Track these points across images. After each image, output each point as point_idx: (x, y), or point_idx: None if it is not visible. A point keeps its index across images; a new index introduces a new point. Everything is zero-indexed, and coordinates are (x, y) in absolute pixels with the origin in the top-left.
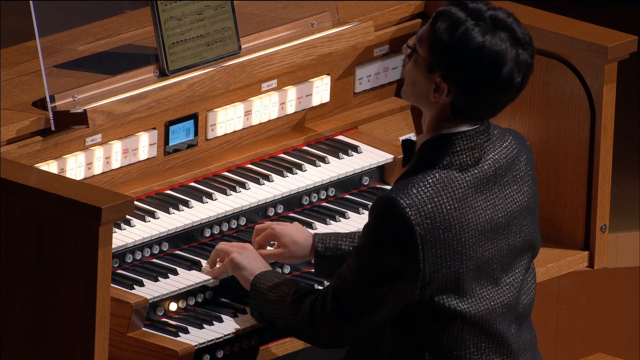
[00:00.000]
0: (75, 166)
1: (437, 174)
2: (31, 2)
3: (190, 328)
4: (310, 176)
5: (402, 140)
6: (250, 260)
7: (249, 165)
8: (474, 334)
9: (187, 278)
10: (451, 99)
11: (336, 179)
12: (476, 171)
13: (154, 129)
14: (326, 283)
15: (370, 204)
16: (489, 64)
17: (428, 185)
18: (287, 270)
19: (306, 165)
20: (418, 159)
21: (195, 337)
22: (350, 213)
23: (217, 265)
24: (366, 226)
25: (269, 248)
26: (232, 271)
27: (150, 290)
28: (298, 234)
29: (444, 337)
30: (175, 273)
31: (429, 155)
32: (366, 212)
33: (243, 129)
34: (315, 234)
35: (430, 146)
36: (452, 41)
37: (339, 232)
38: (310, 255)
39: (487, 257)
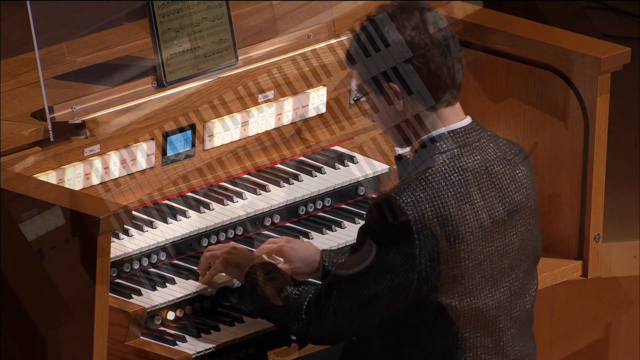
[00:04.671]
0: (73, 176)
1: (431, 173)
2: (30, 14)
3: (188, 337)
4: (307, 186)
5: (396, 157)
6: (242, 255)
7: (246, 176)
8: (471, 336)
9: (184, 287)
10: (408, 91)
11: (332, 189)
12: (470, 169)
13: (152, 139)
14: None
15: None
16: (389, 30)
17: (423, 183)
18: None
19: (302, 176)
20: (411, 165)
21: (193, 346)
22: (346, 223)
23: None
24: (362, 226)
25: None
26: (224, 269)
27: (148, 299)
28: (305, 251)
29: (441, 342)
30: (173, 282)
31: (421, 159)
32: (362, 222)
33: (240, 139)
34: (323, 251)
35: (421, 150)
36: (359, 51)
37: (346, 249)
38: (317, 272)
39: (485, 255)
